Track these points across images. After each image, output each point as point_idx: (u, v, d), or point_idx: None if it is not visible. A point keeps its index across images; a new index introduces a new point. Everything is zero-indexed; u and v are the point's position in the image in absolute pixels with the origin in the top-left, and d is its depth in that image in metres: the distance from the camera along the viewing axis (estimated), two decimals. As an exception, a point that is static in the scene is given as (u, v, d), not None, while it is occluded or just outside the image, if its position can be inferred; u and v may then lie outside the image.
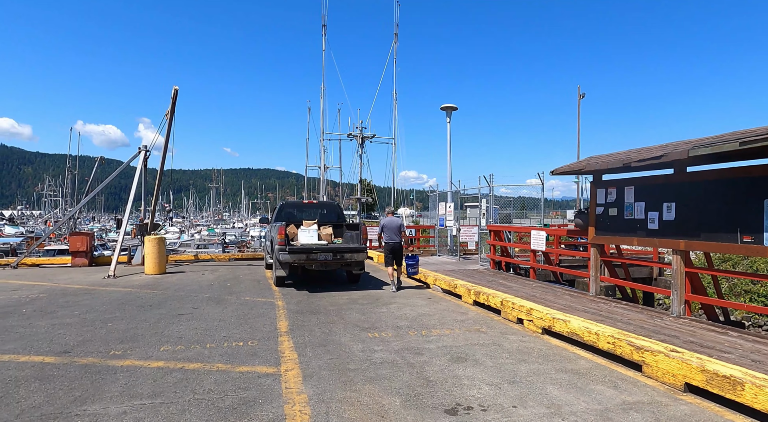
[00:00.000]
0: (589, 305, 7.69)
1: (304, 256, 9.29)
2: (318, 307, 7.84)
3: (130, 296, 8.92)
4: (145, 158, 14.98)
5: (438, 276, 10.09)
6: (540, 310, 6.07)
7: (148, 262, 12.35)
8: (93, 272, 13.13)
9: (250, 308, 7.71)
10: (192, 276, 12.04)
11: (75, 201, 46.81)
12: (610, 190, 8.43)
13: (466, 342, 5.56)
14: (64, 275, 12.41)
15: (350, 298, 8.75)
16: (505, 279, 10.69)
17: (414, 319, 6.87)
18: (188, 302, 8.27)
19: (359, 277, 10.67)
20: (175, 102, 12.75)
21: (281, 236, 9.39)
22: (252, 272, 12.82)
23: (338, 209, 12.14)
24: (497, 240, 13.15)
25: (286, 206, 11.79)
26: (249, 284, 10.52)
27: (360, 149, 26.82)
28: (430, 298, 8.80)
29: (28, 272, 13.04)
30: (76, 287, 10.25)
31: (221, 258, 16.37)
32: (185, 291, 9.56)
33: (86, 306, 7.95)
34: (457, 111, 18.87)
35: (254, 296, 9.00)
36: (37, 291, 9.64)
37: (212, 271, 13.21)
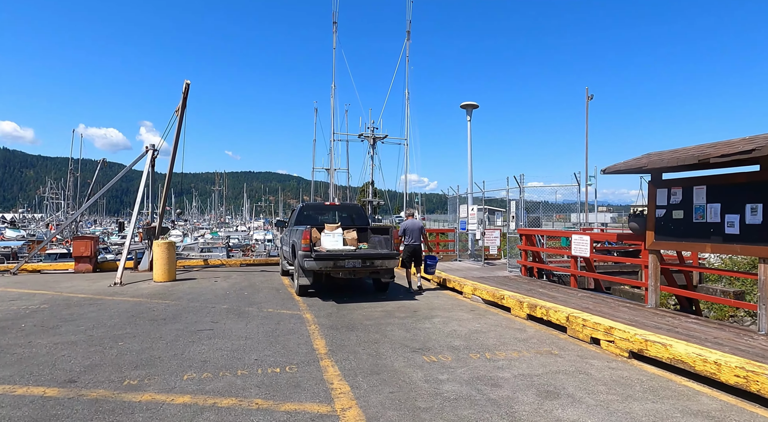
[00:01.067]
0: (655, 319, 6.83)
1: (331, 263, 8.46)
2: (353, 321, 6.99)
3: (140, 308, 8.08)
4: (152, 157, 14.19)
5: (477, 285, 9.23)
6: (624, 329, 5.21)
7: (157, 268, 11.52)
8: (98, 278, 12.30)
9: (277, 323, 6.86)
10: (204, 284, 11.20)
11: (77, 204, 46.10)
12: (674, 190, 7.58)
13: (544, 368, 4.70)
14: (67, 282, 11.59)
15: (385, 310, 7.90)
16: (543, 288, 9.84)
17: (468, 337, 6.02)
18: (206, 315, 7.43)
19: (388, 285, 9.83)
20: (186, 97, 11.95)
21: (306, 241, 8.56)
22: (268, 280, 11.98)
23: (361, 211, 11.30)
24: (529, 245, 12.32)
25: (307, 209, 10.95)
26: (268, 294, 9.68)
27: (371, 150, 26.06)
28: (474, 310, 7.95)
29: (29, 279, 12.21)
30: (80, 296, 9.42)
31: (232, 264, 15.54)
32: (200, 301, 8.72)
33: (92, 320, 7.12)
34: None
35: (277, 307, 8.15)
36: (38, 301, 8.81)
37: (225, 278, 12.37)
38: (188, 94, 11.95)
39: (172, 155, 12.92)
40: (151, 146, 14.28)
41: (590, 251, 9.91)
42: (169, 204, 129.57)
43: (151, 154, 14.19)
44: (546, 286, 10.38)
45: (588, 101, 42.31)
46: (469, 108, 17.73)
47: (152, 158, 14.20)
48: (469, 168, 18.02)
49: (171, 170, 13.34)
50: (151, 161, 14.15)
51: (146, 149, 14.25)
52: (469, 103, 17.63)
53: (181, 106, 12.12)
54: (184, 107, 12.13)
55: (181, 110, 12.19)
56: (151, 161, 14.15)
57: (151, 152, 14.22)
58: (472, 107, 17.70)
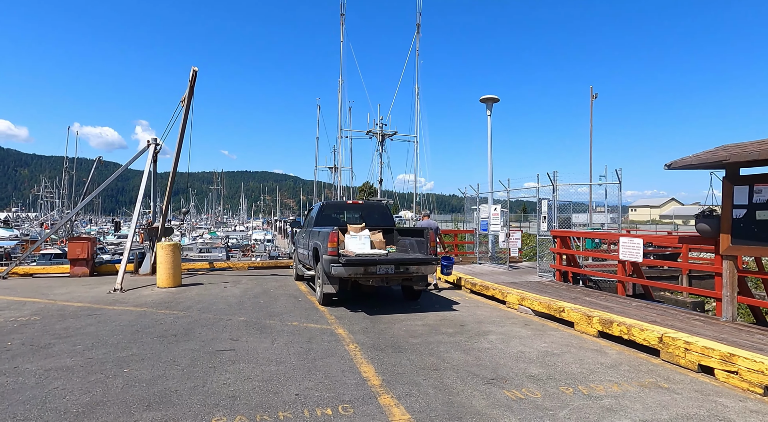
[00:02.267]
0: (743, 336, 5.87)
1: (361, 269, 7.47)
2: (396, 339, 6.01)
3: (145, 320, 7.07)
4: (155, 152, 13.16)
5: (524, 294, 8.24)
6: (751, 357, 4.24)
7: (161, 273, 10.50)
8: (95, 283, 11.26)
9: (308, 341, 5.87)
10: (213, 290, 10.19)
11: (72, 203, 44.86)
12: (757, 187, 6.63)
13: (667, 412, 3.72)
14: (61, 288, 10.55)
15: (426, 324, 6.92)
16: (589, 295, 8.91)
17: (543, 362, 5.05)
18: (223, 330, 6.43)
19: (420, 294, 8.86)
20: (193, 86, 10.94)
21: (332, 245, 7.57)
22: (282, 285, 10.98)
23: (387, 211, 10.31)
24: (564, 248, 11.38)
25: (327, 208, 9.94)
26: (287, 302, 8.68)
27: (380, 147, 25.06)
28: (529, 325, 6.98)
29: (20, 284, 11.16)
30: (76, 305, 8.39)
31: (240, 267, 14.52)
32: (212, 312, 7.72)
33: (91, 336, 6.11)
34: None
35: (302, 320, 7.16)
36: (28, 311, 7.79)
37: (234, 283, 11.36)
38: (195, 83, 10.94)
39: (177, 148, 11.90)
40: (153, 140, 13.26)
41: (643, 255, 8.97)
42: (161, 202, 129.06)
43: (153, 148, 13.17)
44: (590, 293, 9.44)
45: (592, 100, 41.62)
46: (489, 102, 16.79)
47: (155, 153, 13.18)
48: (489, 166, 17.08)
49: (176, 165, 12.32)
50: (154, 156, 13.13)
51: (148, 143, 13.22)
52: (489, 96, 16.69)
53: (187, 95, 11.10)
54: (191, 96, 11.11)
55: (187, 99, 11.17)
56: (154, 155, 13.14)
57: (153, 146, 13.20)
58: (493, 100, 16.76)
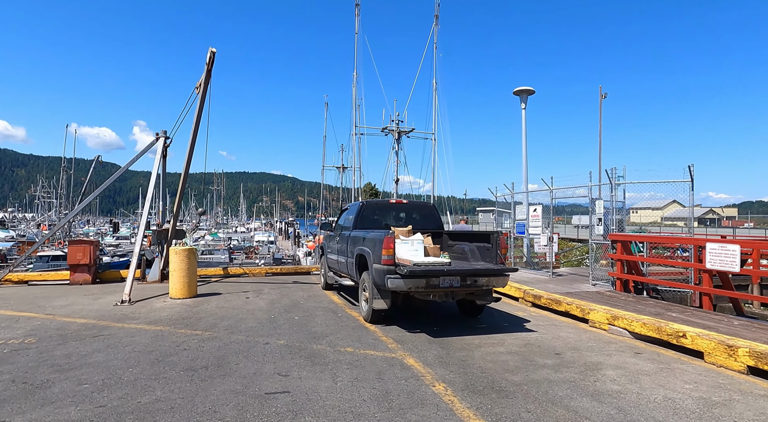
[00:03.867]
0: None
1: (423, 282, 6.20)
2: (489, 376, 4.73)
3: (165, 344, 5.79)
4: (165, 146, 11.87)
5: (615, 312, 6.89)
6: None
7: (174, 282, 9.21)
8: (99, 293, 9.97)
9: (378, 378, 4.60)
10: (235, 302, 8.90)
11: (70, 203, 43.50)
12: None
13: None
14: (61, 298, 9.25)
15: (510, 351, 5.65)
16: (669, 310, 7.74)
17: (712, 417, 3.78)
18: (264, 360, 5.15)
19: (482, 310, 7.59)
20: (210, 70, 9.66)
21: (389, 252, 6.29)
22: (311, 296, 9.70)
23: (435, 212, 9.04)
24: (625, 253, 10.15)
25: (368, 208, 8.64)
26: (327, 319, 7.40)
27: (396, 145, 23.78)
28: (641, 354, 5.69)
29: (13, 294, 9.85)
30: (79, 322, 7.10)
31: (256, 273, 13.23)
32: (243, 332, 6.44)
33: (101, 369, 4.83)
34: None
35: (356, 344, 5.88)
36: (21, 331, 6.49)
37: (256, 293, 10.08)
38: (213, 66, 9.66)
39: (191, 140, 10.62)
40: (162, 133, 11.96)
41: (739, 265, 7.72)
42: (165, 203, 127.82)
43: (162, 142, 11.88)
44: (671, 307, 8.21)
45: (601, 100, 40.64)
46: (523, 94, 15.57)
47: (164, 147, 11.90)
48: (524, 164, 15.85)
49: (189, 160, 11.04)
50: (163, 151, 11.85)
51: (156, 137, 11.94)
52: (523, 88, 15.48)
53: (203, 80, 9.82)
54: (208, 81, 9.83)
55: (203, 85, 9.89)
56: (163, 150, 11.85)
57: (162, 139, 11.91)
58: (528, 92, 15.54)
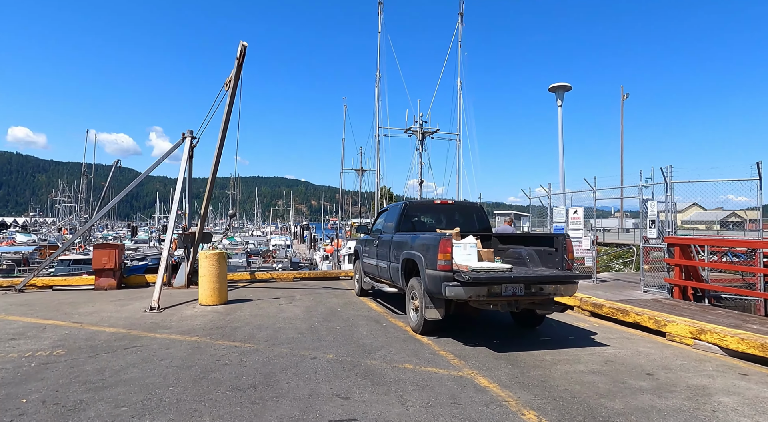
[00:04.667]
0: None
1: (485, 290, 5.59)
2: (583, 402, 4.09)
3: (203, 358, 5.26)
4: (191, 145, 11.48)
5: (701, 325, 6.17)
6: None
7: (204, 287, 8.73)
8: (125, 298, 9.55)
9: (453, 402, 3.99)
10: (268, 309, 8.38)
11: (90, 207, 43.79)
12: None
13: None
14: (87, 305, 8.83)
15: (592, 369, 5.00)
16: (746, 320, 6.98)
17: None
18: (316, 378, 4.58)
19: (542, 320, 6.94)
20: (241, 64, 9.20)
21: (447, 257, 5.69)
22: (347, 303, 9.14)
23: (482, 213, 8.42)
24: (684, 258, 9.39)
25: (412, 208, 8.05)
26: (372, 329, 6.82)
27: (420, 146, 23.22)
28: (746, 375, 4.98)
29: (38, 300, 9.48)
30: (108, 331, 6.63)
31: (283, 278, 12.74)
32: (285, 344, 5.89)
33: (138, 388, 4.31)
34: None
35: (413, 359, 5.29)
36: (49, 342, 6.04)
37: (288, 299, 9.55)
38: (244, 61, 9.20)
39: (220, 138, 10.17)
40: (189, 133, 11.58)
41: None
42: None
43: (189, 142, 11.49)
44: (746, 317, 7.45)
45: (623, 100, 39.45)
46: (559, 90, 14.92)
47: (191, 147, 11.51)
48: (560, 164, 15.16)
49: (218, 160, 10.60)
50: (190, 151, 11.45)
51: (183, 136, 11.55)
52: (559, 85, 14.83)
53: (233, 76, 9.37)
54: (238, 76, 9.37)
55: (233, 81, 9.44)
56: (190, 150, 11.46)
57: (188, 139, 11.52)
58: (564, 89, 14.89)
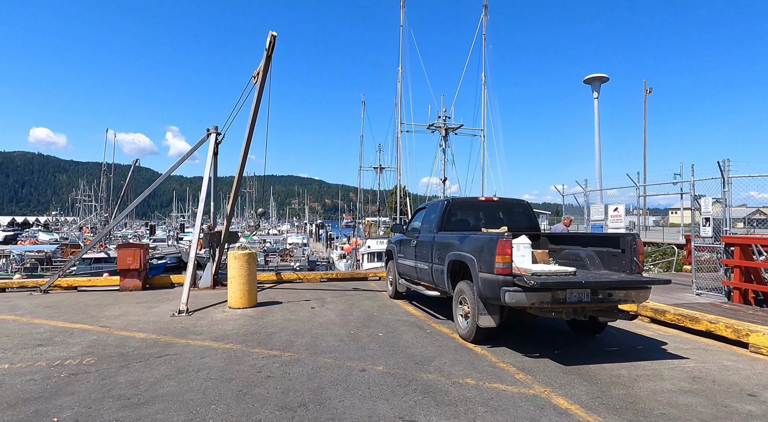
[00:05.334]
0: None
1: (549, 296, 5.05)
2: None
3: (243, 370, 4.83)
4: (216, 142, 11.12)
5: None
6: None
7: (234, 289, 8.34)
8: (151, 300, 9.23)
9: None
10: (301, 313, 7.95)
11: (110, 206, 44.20)
12: None
13: None
14: (113, 307, 8.52)
15: (681, 388, 4.42)
16: None
17: None
18: (372, 396, 4.10)
19: (603, 329, 6.37)
20: (270, 56, 8.78)
21: (506, 259, 5.16)
22: (382, 306, 8.66)
23: (530, 211, 7.85)
24: (744, 259, 8.69)
25: (455, 206, 7.51)
26: (417, 337, 6.32)
27: (443, 143, 22.64)
28: None
29: (63, 302, 9.21)
30: (138, 337, 6.26)
31: (310, 278, 12.32)
32: (327, 353, 5.43)
33: (176, 404, 3.89)
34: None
35: (473, 373, 4.78)
36: (78, 349, 5.68)
37: (319, 301, 9.12)
38: (273, 52, 8.77)
39: (247, 135, 9.78)
40: (214, 129, 11.22)
41: None
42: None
43: (214, 138, 11.13)
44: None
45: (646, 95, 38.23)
46: (595, 82, 14.22)
47: (216, 144, 11.15)
48: (597, 159, 14.48)
49: (245, 156, 10.22)
50: (215, 148, 11.10)
51: (208, 132, 11.20)
52: (595, 76, 14.12)
53: (262, 68, 8.95)
54: (267, 68, 8.95)
55: (262, 73, 9.02)
56: (215, 147, 11.10)
57: (213, 135, 11.16)
58: (600, 80, 14.18)
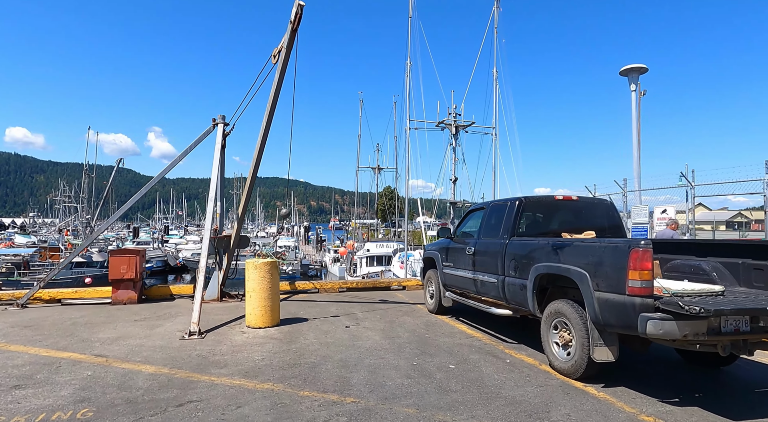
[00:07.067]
0: None
1: (704, 325, 3.84)
2: None
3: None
4: (224, 133, 9.73)
5: None
6: None
7: (254, 305, 6.95)
8: (151, 316, 7.79)
9: None
10: (337, 334, 6.61)
11: (92, 208, 42.12)
12: None
13: None
14: (107, 327, 7.05)
15: None
16: None
17: None
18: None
19: (735, 359, 5.19)
20: (296, 29, 7.43)
21: (645, 275, 3.94)
22: (426, 323, 7.38)
23: (614, 211, 6.65)
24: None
25: (530, 206, 6.24)
26: (498, 370, 5.07)
27: (454, 141, 21.44)
28: None
29: (46, 319, 7.70)
30: (146, 372, 4.87)
31: (327, 288, 10.97)
32: (401, 398, 4.14)
33: None
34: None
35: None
36: (68, 391, 4.28)
37: (349, 317, 7.80)
38: (299, 25, 7.43)
39: (265, 124, 8.41)
40: (221, 119, 9.83)
41: None
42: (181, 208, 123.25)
43: (221, 129, 9.74)
44: None
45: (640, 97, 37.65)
46: (633, 73, 13.18)
47: (223, 136, 9.76)
48: (636, 155, 13.42)
49: (261, 151, 8.84)
50: (222, 140, 9.70)
51: (214, 123, 9.80)
52: (633, 67, 13.10)
53: (285, 44, 7.59)
54: (292, 45, 7.59)
55: (285, 51, 7.66)
56: (222, 139, 9.71)
57: (221, 125, 9.78)
58: (639, 71, 13.15)
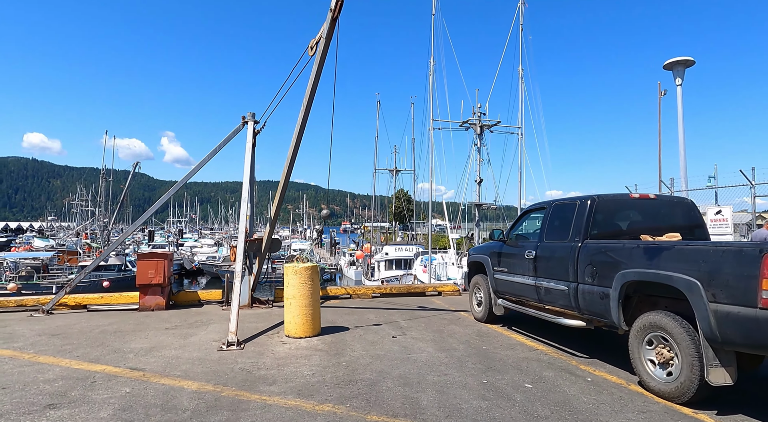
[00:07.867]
0: None
1: None
2: None
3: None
4: (254, 131, 9.31)
5: None
6: None
7: (294, 313, 6.46)
8: (183, 325, 7.34)
9: None
10: (385, 345, 6.09)
11: (109, 211, 42.37)
12: None
13: None
14: (138, 335, 6.62)
15: None
16: None
17: None
18: None
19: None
20: (336, 18, 6.95)
21: (773, 282, 3.36)
22: (476, 332, 6.82)
23: (695, 212, 6.04)
24: None
25: (603, 205, 5.65)
26: (580, 390, 4.49)
27: (478, 141, 20.89)
28: None
29: (73, 326, 7.30)
30: (189, 389, 4.39)
31: (360, 293, 10.47)
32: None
33: None
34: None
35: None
36: (107, 412, 3.80)
37: (392, 325, 7.27)
38: (340, 14, 6.95)
39: (301, 121, 7.94)
40: (251, 116, 9.43)
41: None
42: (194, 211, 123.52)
43: (252, 128, 9.33)
44: None
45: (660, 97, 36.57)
46: (679, 67, 12.49)
47: (254, 134, 9.33)
48: (681, 154, 12.71)
49: (296, 149, 8.38)
50: (253, 139, 9.28)
51: (243, 121, 9.40)
52: (678, 60, 12.41)
53: (324, 35, 7.12)
54: (331, 36, 7.13)
55: (324, 43, 7.19)
56: (253, 138, 9.29)
57: (251, 123, 9.36)
58: (685, 64, 12.45)
